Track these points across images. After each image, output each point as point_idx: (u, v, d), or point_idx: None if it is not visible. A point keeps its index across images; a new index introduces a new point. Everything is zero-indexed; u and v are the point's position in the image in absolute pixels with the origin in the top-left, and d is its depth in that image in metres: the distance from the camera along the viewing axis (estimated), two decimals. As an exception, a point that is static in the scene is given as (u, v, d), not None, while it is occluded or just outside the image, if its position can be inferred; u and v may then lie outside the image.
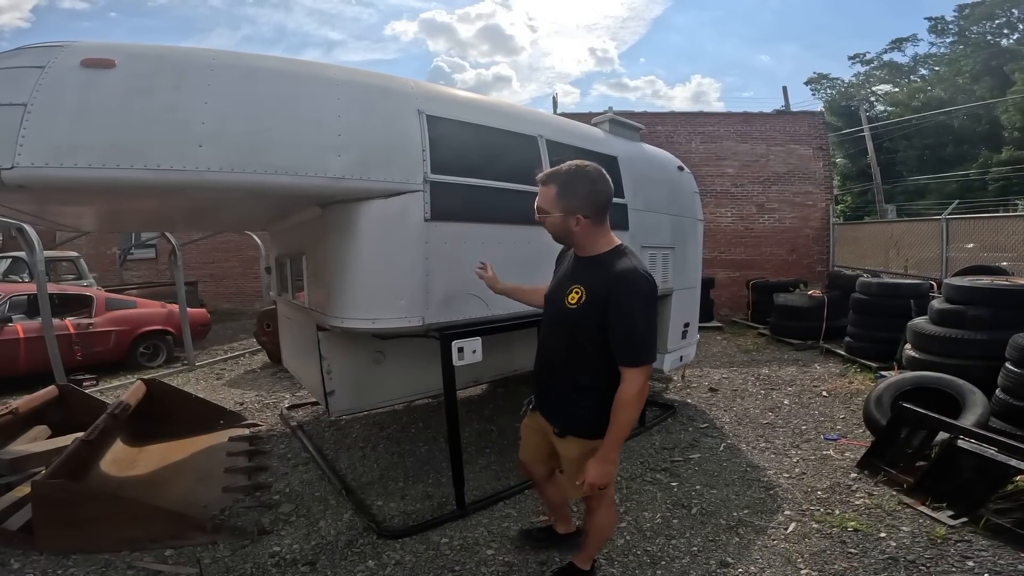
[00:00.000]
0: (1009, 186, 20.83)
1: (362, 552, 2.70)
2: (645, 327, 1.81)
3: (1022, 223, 7.75)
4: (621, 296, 1.80)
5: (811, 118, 11.96)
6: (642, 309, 1.80)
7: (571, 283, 1.95)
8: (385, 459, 3.86)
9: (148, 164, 2.09)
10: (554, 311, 2.04)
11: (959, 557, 2.48)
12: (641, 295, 1.81)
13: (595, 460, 1.87)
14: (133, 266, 13.53)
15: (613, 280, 1.83)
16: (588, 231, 1.93)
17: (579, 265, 2.00)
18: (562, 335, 1.98)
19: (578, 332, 1.91)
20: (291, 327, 4.38)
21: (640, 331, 1.79)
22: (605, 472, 1.88)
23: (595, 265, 1.93)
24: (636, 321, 1.79)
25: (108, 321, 6.97)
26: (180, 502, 3.07)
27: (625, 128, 4.44)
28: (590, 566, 2.34)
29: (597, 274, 1.89)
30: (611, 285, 1.82)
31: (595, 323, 1.84)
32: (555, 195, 1.92)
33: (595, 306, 1.84)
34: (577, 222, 1.90)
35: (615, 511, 2.34)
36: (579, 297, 1.89)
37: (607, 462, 1.87)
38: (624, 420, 1.83)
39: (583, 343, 1.90)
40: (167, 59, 2.25)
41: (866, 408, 4.03)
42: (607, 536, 2.41)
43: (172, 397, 4.40)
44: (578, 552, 2.36)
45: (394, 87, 2.86)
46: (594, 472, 1.87)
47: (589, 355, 1.90)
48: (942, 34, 27.84)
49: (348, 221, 2.70)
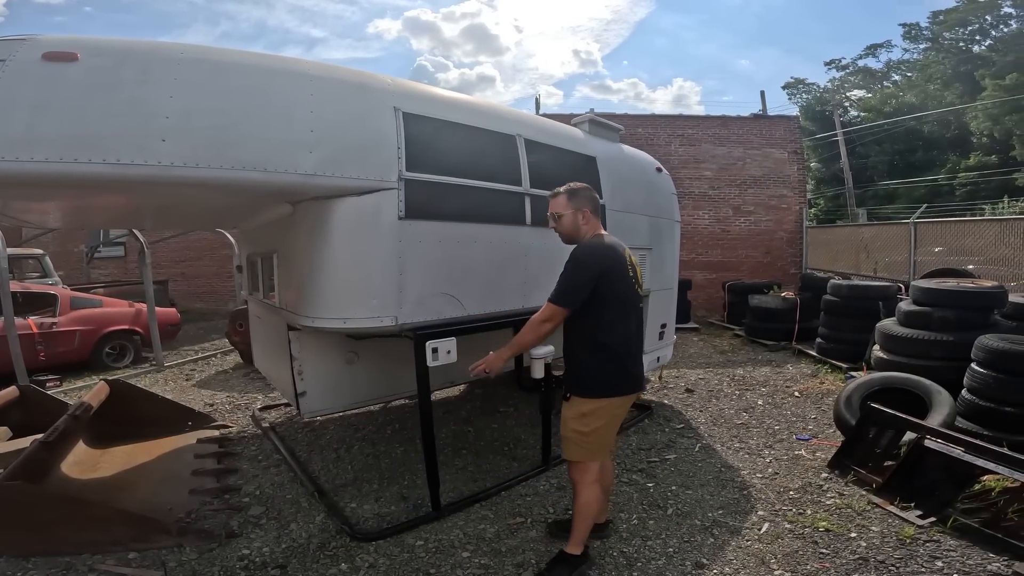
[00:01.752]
0: (976, 191, 21.49)
1: (335, 555, 2.65)
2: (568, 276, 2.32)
3: (988, 227, 7.99)
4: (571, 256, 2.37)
5: (787, 122, 12.19)
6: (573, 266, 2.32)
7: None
8: (360, 461, 3.80)
9: (107, 158, 2.05)
10: None
11: (928, 557, 2.53)
12: (576, 258, 2.33)
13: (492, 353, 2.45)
14: (101, 264, 13.17)
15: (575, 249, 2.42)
16: (590, 222, 2.47)
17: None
18: None
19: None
20: (262, 327, 4.29)
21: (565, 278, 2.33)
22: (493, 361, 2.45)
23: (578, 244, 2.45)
24: (565, 272, 2.33)
25: (73, 320, 6.76)
26: (144, 505, 3.00)
27: (604, 129, 4.45)
28: (581, 550, 2.43)
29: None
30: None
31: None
32: (566, 199, 2.47)
33: None
34: (584, 216, 2.45)
35: (596, 490, 2.42)
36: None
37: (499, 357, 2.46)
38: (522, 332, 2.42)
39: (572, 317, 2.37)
40: (132, 53, 2.20)
41: (836, 408, 4.09)
42: (591, 515, 2.44)
43: (137, 398, 4.27)
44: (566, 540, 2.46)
45: (370, 84, 2.82)
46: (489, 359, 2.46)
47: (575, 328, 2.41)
48: (916, 40, 28.51)
49: (320, 219, 2.64)
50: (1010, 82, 21.01)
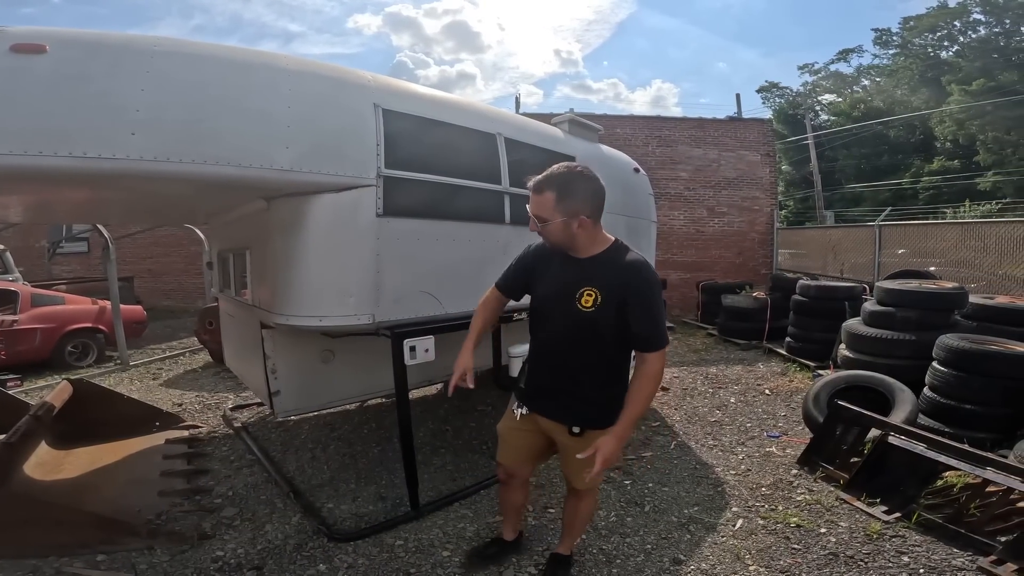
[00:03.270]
0: (939, 195, 22.29)
1: (312, 556, 2.62)
2: (662, 313, 1.93)
3: (950, 230, 8.30)
4: (640, 287, 1.89)
5: (760, 125, 12.44)
6: (659, 296, 1.93)
7: (580, 285, 1.93)
8: (336, 460, 3.75)
9: (73, 151, 1.98)
10: (561, 314, 1.99)
11: (895, 552, 2.60)
12: (656, 284, 1.93)
13: (610, 437, 1.87)
14: (64, 260, 12.69)
15: (628, 275, 1.89)
16: (590, 232, 1.94)
17: (582, 266, 1.98)
18: (577, 337, 1.97)
19: (596, 332, 1.93)
20: (234, 325, 4.20)
21: (661, 317, 1.91)
22: (618, 450, 1.90)
23: (601, 264, 1.95)
24: (657, 309, 1.90)
25: (33, 318, 6.51)
26: (111, 506, 2.92)
27: (584, 129, 4.47)
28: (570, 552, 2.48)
29: (608, 272, 1.92)
30: (627, 280, 1.89)
31: (615, 321, 1.89)
32: (554, 200, 1.88)
33: (612, 304, 1.88)
34: (580, 224, 1.90)
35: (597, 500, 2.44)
36: (594, 298, 1.90)
37: (622, 439, 1.91)
38: (646, 397, 1.92)
39: (601, 341, 1.95)
40: (103, 45, 2.13)
41: (804, 406, 4.20)
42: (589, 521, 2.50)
43: (101, 398, 4.13)
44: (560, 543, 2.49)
45: (350, 80, 2.78)
46: (609, 449, 1.86)
47: (611, 353, 1.98)
48: (886, 46, 29.41)
49: (296, 215, 2.60)
50: (976, 87, 21.82)
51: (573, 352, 2.00)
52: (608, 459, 1.87)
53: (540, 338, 2.12)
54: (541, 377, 2.13)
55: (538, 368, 2.15)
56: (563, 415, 2.08)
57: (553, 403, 2.11)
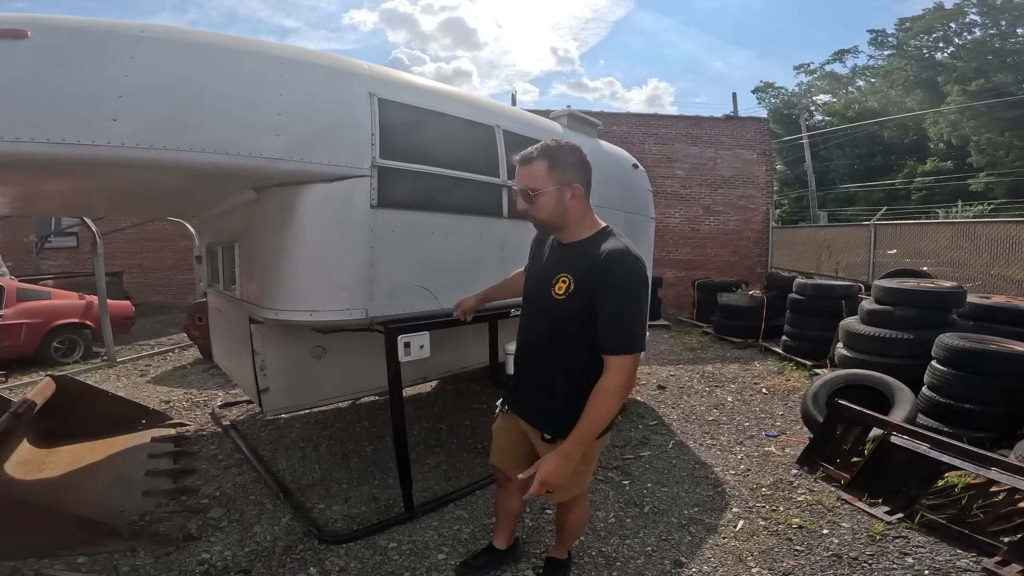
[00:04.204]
0: (931, 196, 22.43)
1: (302, 559, 2.54)
2: (635, 310, 1.64)
3: (942, 230, 8.32)
4: (610, 276, 1.65)
5: (757, 124, 12.42)
6: (632, 290, 1.64)
7: (556, 272, 1.78)
8: (327, 459, 3.67)
9: (51, 138, 1.89)
10: (538, 305, 1.85)
11: (898, 553, 2.56)
12: (631, 274, 1.65)
13: (553, 455, 1.65)
14: (52, 255, 12.48)
15: (602, 261, 1.67)
16: (582, 205, 1.78)
17: (564, 252, 1.83)
18: (550, 330, 1.81)
19: (569, 325, 1.74)
20: (222, 320, 4.10)
21: (629, 314, 1.63)
22: (560, 471, 1.63)
23: (581, 249, 1.77)
24: (625, 303, 1.63)
25: (19, 313, 6.38)
26: (92, 507, 2.83)
27: (583, 123, 4.40)
28: (567, 554, 2.39)
29: (585, 258, 1.73)
30: (600, 266, 1.67)
31: (585, 313, 1.68)
32: (546, 168, 1.73)
33: (583, 293, 1.69)
34: (573, 193, 1.75)
35: (588, 505, 2.30)
36: (567, 286, 1.73)
37: (567, 458, 1.64)
38: (599, 413, 1.63)
39: (575, 338, 1.73)
40: (87, 31, 2.05)
41: (803, 405, 4.16)
42: (583, 529, 2.43)
43: (86, 395, 4.02)
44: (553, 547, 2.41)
45: (345, 68, 2.68)
46: (548, 469, 1.62)
47: (581, 350, 1.73)
48: (881, 47, 29.51)
49: (286, 206, 2.51)
50: (976, 87, 21.93)
51: (547, 347, 1.83)
52: (546, 481, 1.62)
53: (520, 329, 2.01)
54: (519, 374, 1.99)
55: (517, 364, 2.01)
56: (536, 418, 1.91)
57: (528, 404, 1.96)
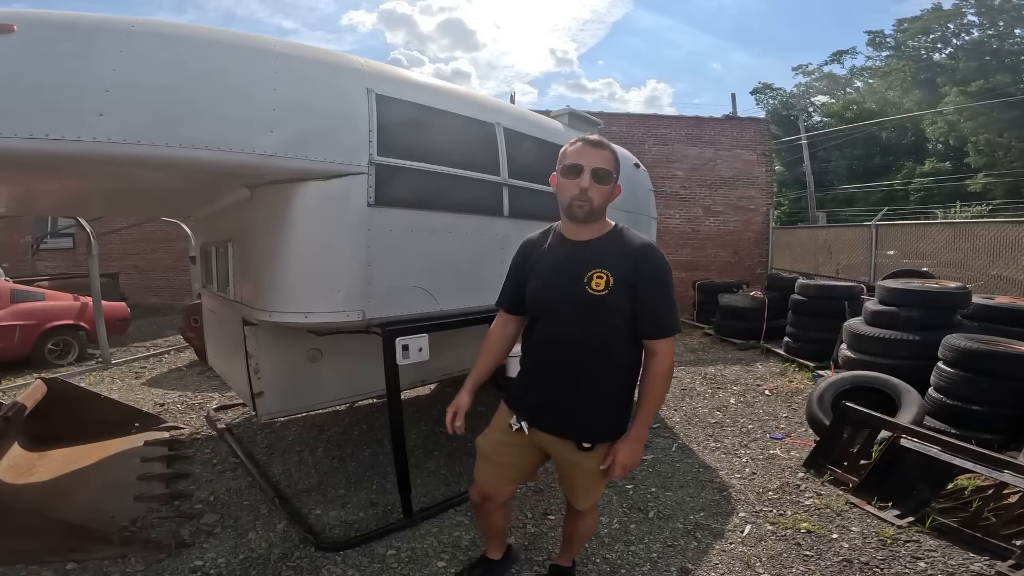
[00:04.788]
0: (929, 196, 22.42)
1: (298, 566, 2.47)
2: (672, 294, 1.78)
3: (942, 230, 8.28)
4: (651, 267, 1.74)
5: (757, 124, 12.40)
6: (668, 276, 1.78)
7: (586, 269, 1.73)
8: (324, 464, 3.60)
9: (35, 133, 1.85)
10: (574, 305, 1.75)
11: (910, 558, 2.51)
12: (667, 265, 1.78)
13: (628, 441, 1.77)
14: (48, 256, 12.43)
15: (638, 253, 1.75)
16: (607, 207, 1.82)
17: (585, 249, 1.79)
18: (593, 331, 1.75)
19: (614, 318, 1.74)
20: (216, 322, 4.03)
21: (669, 298, 1.76)
22: (638, 453, 1.80)
23: (608, 243, 1.79)
24: (666, 287, 1.76)
25: (12, 314, 6.31)
26: (82, 512, 2.77)
27: (584, 122, 4.35)
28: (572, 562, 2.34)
29: (616, 252, 1.76)
30: (636, 259, 1.74)
31: (627, 306, 1.72)
32: (613, 160, 1.77)
33: (622, 285, 1.71)
34: (615, 192, 1.81)
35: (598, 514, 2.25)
36: (606, 280, 1.71)
37: (640, 442, 1.79)
38: (660, 395, 1.79)
39: (619, 331, 1.76)
40: (76, 26, 2.01)
41: (809, 407, 4.09)
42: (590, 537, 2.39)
43: (78, 398, 3.95)
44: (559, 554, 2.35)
45: (342, 64, 2.64)
46: (627, 453, 1.77)
47: (624, 346, 1.78)
48: (880, 47, 29.52)
49: (281, 204, 2.45)
50: (975, 88, 21.93)
51: (585, 348, 1.76)
52: (628, 465, 1.78)
53: (543, 336, 1.85)
54: (544, 384, 1.86)
55: (540, 374, 1.87)
56: (572, 430, 1.83)
57: (559, 416, 1.84)
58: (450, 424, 2.00)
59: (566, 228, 1.84)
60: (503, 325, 2.05)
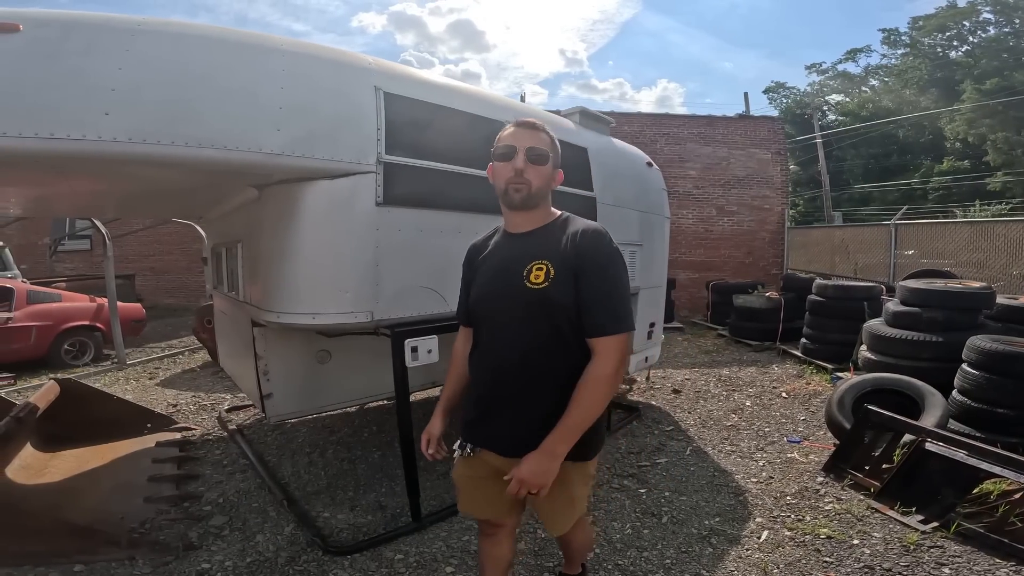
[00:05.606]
0: (948, 195, 22.02)
1: (305, 570, 2.44)
2: (621, 286, 1.50)
3: (962, 229, 8.10)
4: (595, 253, 1.49)
5: (771, 123, 12.25)
6: (616, 266, 1.51)
7: (525, 261, 1.53)
8: (334, 466, 3.58)
9: (39, 132, 1.82)
10: (512, 302, 1.54)
11: (934, 564, 2.42)
12: (615, 251, 1.52)
13: (536, 453, 1.42)
14: (66, 258, 12.64)
15: (581, 239, 1.50)
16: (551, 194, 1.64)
17: (526, 240, 1.59)
18: (535, 330, 1.51)
19: (556, 316, 1.49)
20: (227, 323, 4.03)
21: (620, 290, 1.50)
22: (544, 470, 1.41)
23: (551, 232, 1.57)
24: (611, 278, 1.49)
25: (29, 315, 6.39)
26: (91, 514, 2.76)
27: (595, 121, 4.28)
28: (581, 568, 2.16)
29: (559, 239, 1.53)
30: (578, 245, 1.49)
31: (571, 302, 1.47)
32: (550, 142, 1.59)
33: (565, 276, 1.48)
34: (556, 177, 1.63)
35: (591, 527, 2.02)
36: (546, 271, 1.49)
37: (550, 455, 1.41)
38: (589, 403, 1.43)
39: (564, 331, 1.49)
40: (82, 24, 1.98)
41: (828, 410, 4.00)
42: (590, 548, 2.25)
43: (91, 398, 3.97)
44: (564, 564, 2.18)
45: (349, 61, 2.60)
46: (529, 467, 1.41)
47: (570, 346, 1.50)
48: (894, 45, 29.10)
49: (288, 204, 2.42)
50: (991, 86, 21.51)
51: (526, 350, 1.53)
52: (527, 481, 1.42)
53: (481, 343, 1.65)
54: (486, 399, 1.63)
55: (481, 387, 1.65)
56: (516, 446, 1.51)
57: (501, 432, 1.59)
58: (425, 451, 1.75)
59: (508, 221, 1.65)
60: (465, 341, 1.78)
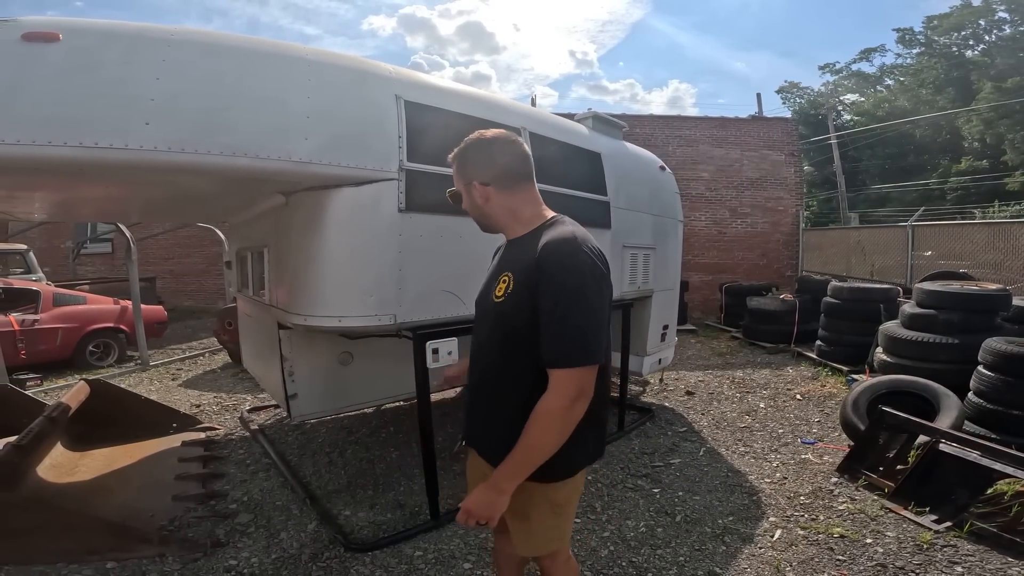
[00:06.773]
0: (967, 196, 21.68)
1: (328, 567, 2.51)
2: (584, 309, 1.27)
3: (980, 231, 7.99)
4: (554, 267, 1.30)
5: (784, 124, 12.17)
6: (574, 286, 1.28)
7: (499, 273, 1.48)
8: (353, 465, 3.66)
9: (84, 141, 1.91)
10: (483, 315, 1.54)
11: (947, 563, 2.44)
12: (583, 264, 1.31)
13: (484, 483, 1.37)
14: (88, 261, 12.92)
15: (543, 249, 1.34)
16: (499, 202, 1.51)
17: (510, 249, 1.55)
18: (493, 341, 1.48)
19: (511, 332, 1.39)
20: (251, 325, 4.13)
21: (582, 313, 1.27)
22: (488, 502, 1.33)
23: (523, 243, 1.47)
24: (566, 302, 1.27)
25: (55, 318, 6.55)
26: (123, 511, 2.85)
27: (608, 125, 4.34)
28: None
29: (525, 252, 1.41)
30: (540, 256, 1.33)
31: (525, 318, 1.34)
32: (457, 167, 1.57)
33: (523, 291, 1.35)
34: (481, 193, 1.50)
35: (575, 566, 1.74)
36: (506, 286, 1.40)
37: (494, 490, 1.33)
38: (534, 439, 1.29)
39: (520, 348, 1.37)
40: (119, 34, 2.07)
41: (843, 412, 4.01)
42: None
43: (119, 398, 4.09)
44: None
45: (371, 70, 2.69)
46: (475, 496, 1.36)
47: (528, 365, 1.36)
48: (909, 45, 28.70)
49: (315, 210, 2.51)
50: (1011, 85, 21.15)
51: (489, 362, 1.50)
52: (470, 511, 1.35)
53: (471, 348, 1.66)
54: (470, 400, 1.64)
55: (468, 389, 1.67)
56: (487, 450, 1.53)
57: (478, 433, 1.59)
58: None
59: None
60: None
